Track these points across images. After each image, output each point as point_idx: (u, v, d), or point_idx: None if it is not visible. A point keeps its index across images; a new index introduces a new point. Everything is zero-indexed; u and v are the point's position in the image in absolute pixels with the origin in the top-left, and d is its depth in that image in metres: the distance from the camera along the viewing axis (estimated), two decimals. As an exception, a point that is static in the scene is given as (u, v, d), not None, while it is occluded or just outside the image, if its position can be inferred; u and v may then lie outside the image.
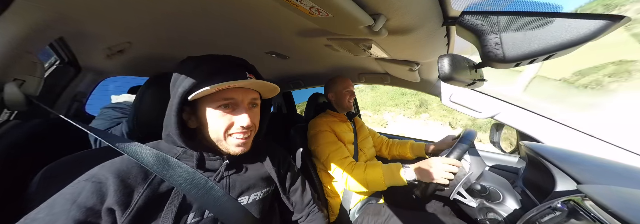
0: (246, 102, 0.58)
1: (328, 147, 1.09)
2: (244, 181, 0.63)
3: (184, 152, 0.58)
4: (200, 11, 0.64)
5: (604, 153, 0.86)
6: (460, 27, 0.51)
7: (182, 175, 0.52)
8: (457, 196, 0.90)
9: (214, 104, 0.54)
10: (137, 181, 0.49)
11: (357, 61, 1.22)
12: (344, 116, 1.30)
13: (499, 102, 1.08)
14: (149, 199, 0.49)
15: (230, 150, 0.58)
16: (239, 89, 0.56)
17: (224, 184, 0.59)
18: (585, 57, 8.50)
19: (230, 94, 0.55)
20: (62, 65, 1.17)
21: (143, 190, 0.49)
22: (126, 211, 0.46)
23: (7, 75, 0.55)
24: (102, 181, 0.46)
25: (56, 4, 0.58)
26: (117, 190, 0.46)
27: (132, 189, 0.48)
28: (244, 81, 0.53)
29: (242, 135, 0.57)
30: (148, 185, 0.50)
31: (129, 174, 0.49)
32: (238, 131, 0.56)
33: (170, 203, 0.51)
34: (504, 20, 0.45)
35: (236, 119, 0.56)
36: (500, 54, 0.46)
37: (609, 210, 0.42)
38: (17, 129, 0.83)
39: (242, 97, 0.57)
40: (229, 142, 0.57)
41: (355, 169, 1.00)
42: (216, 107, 0.54)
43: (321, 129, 1.16)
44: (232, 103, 0.56)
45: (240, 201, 0.60)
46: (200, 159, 0.57)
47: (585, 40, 0.39)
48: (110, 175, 0.47)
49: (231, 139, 0.57)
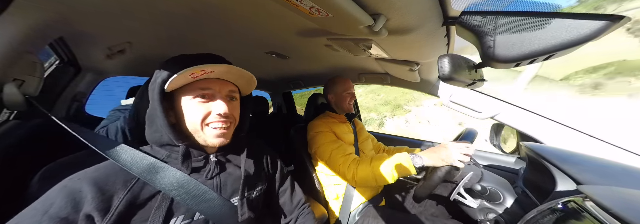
0: (223, 93, 0.58)
1: (329, 146, 1.08)
2: (235, 180, 0.62)
3: (168, 156, 0.57)
4: (200, 11, 0.64)
5: (604, 153, 0.86)
6: (460, 27, 0.51)
7: (169, 178, 0.52)
8: (458, 197, 0.90)
9: (190, 94, 0.55)
10: (117, 187, 0.48)
11: (357, 61, 1.22)
12: (344, 117, 1.27)
13: (499, 102, 1.08)
14: (130, 203, 0.48)
15: (208, 141, 0.57)
16: (216, 80, 0.57)
17: (214, 183, 0.58)
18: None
19: (207, 84, 0.56)
20: (61, 65, 1.17)
21: (123, 195, 0.48)
22: (106, 217, 0.45)
23: (6, 75, 0.55)
24: (76, 190, 0.45)
25: (56, 4, 0.58)
26: (95, 196, 0.45)
27: (111, 194, 0.47)
28: (218, 65, 0.53)
29: (220, 124, 0.56)
30: (129, 190, 0.49)
31: (107, 180, 0.48)
32: (215, 120, 0.56)
33: (158, 207, 0.50)
34: (504, 20, 0.45)
35: (213, 107, 0.56)
36: (500, 54, 0.46)
37: (609, 211, 0.42)
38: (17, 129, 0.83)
39: (219, 87, 0.57)
40: (207, 133, 0.56)
41: (361, 164, 0.97)
42: (193, 97, 0.55)
43: (320, 130, 1.15)
44: (208, 94, 0.56)
45: (232, 201, 0.59)
46: (186, 154, 0.56)
47: (586, 40, 0.39)
48: (85, 183, 0.46)
49: (209, 129, 0.56)
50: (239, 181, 0.61)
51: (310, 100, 1.55)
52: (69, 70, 1.26)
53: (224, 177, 0.60)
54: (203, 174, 0.58)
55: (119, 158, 0.51)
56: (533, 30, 0.42)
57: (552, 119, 0.99)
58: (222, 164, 0.62)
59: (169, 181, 0.51)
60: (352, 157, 1.03)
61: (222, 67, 0.54)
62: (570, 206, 0.51)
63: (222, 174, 0.60)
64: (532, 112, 1.02)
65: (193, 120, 0.55)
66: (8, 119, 0.86)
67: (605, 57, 9.03)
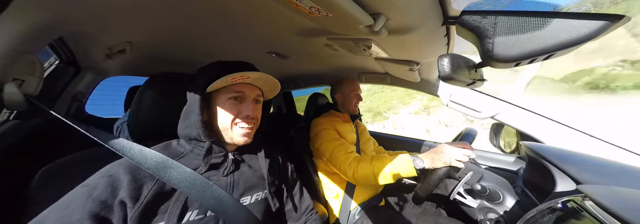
0: (252, 97, 0.65)
1: (332, 143, 1.09)
2: (247, 180, 0.65)
3: (191, 151, 0.61)
4: (200, 11, 0.64)
5: (604, 153, 0.86)
6: (460, 27, 0.51)
7: (180, 176, 0.54)
8: (457, 197, 0.90)
9: (226, 96, 0.62)
10: (147, 177, 0.53)
11: (357, 61, 1.22)
12: (347, 117, 1.30)
13: (499, 102, 1.08)
14: (157, 194, 0.52)
15: (235, 139, 0.63)
16: (247, 85, 0.65)
17: (229, 181, 0.62)
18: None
19: (240, 88, 0.63)
20: (61, 65, 1.17)
21: (152, 185, 0.52)
22: (136, 204, 0.49)
23: (6, 75, 0.55)
24: (115, 176, 0.50)
25: (56, 4, 0.58)
26: (129, 184, 0.49)
27: (142, 183, 0.51)
28: (254, 73, 0.61)
29: (247, 124, 0.63)
30: (156, 181, 0.53)
31: (139, 170, 0.53)
32: (244, 120, 0.63)
33: (176, 200, 0.54)
34: (504, 20, 0.45)
35: (243, 109, 0.63)
36: (500, 53, 0.46)
37: (609, 210, 0.42)
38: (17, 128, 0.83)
39: (249, 92, 0.65)
40: (235, 132, 0.63)
41: (362, 163, 0.97)
42: (228, 99, 0.62)
43: (324, 127, 1.16)
44: (240, 96, 0.63)
45: (242, 201, 0.62)
46: (209, 150, 0.60)
47: (585, 40, 0.39)
48: (122, 170, 0.51)
49: (237, 128, 0.63)
50: (252, 181, 0.66)
51: (310, 100, 1.55)
52: (69, 70, 1.26)
53: (237, 175, 0.64)
54: (220, 170, 0.62)
55: (134, 157, 0.54)
56: (533, 30, 0.42)
57: (552, 119, 0.99)
58: (238, 163, 0.66)
59: (179, 178, 0.54)
60: (353, 155, 1.03)
61: (256, 75, 0.62)
62: (570, 205, 0.52)
63: (237, 173, 0.64)
64: (532, 112, 1.02)
65: (225, 119, 0.62)
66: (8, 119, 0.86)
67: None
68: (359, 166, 0.97)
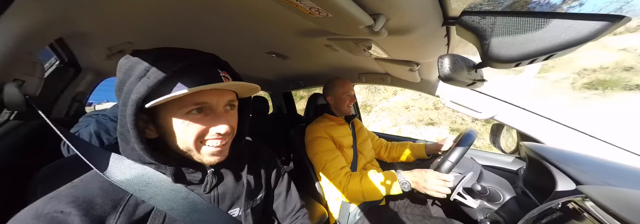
0: (222, 106, 0.48)
1: (324, 156, 1.08)
2: (234, 191, 0.57)
3: (157, 167, 0.49)
4: (200, 11, 0.64)
5: (604, 153, 0.86)
6: (460, 27, 0.51)
7: (162, 193, 0.46)
8: (458, 197, 0.90)
9: (181, 111, 0.43)
10: (106, 211, 0.41)
11: (357, 61, 1.22)
12: (342, 119, 1.26)
13: (499, 102, 1.08)
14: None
15: (204, 160, 0.48)
16: (212, 90, 0.46)
17: (212, 196, 0.54)
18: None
19: (202, 98, 0.44)
20: (62, 65, 1.17)
21: (117, 217, 0.42)
22: None
23: (7, 75, 0.55)
24: (62, 218, 0.37)
25: (56, 5, 0.58)
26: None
27: (103, 218, 0.40)
28: (219, 84, 0.43)
29: (219, 142, 0.48)
30: (120, 213, 0.42)
31: (93, 204, 0.40)
32: (213, 138, 0.47)
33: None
34: (503, 20, 0.45)
35: (211, 124, 0.46)
36: (500, 54, 0.46)
37: (609, 211, 0.42)
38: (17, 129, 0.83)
39: (217, 100, 0.47)
40: (203, 152, 0.47)
41: (351, 180, 0.99)
42: (185, 114, 0.44)
43: (317, 135, 1.13)
44: (204, 107, 0.46)
45: (231, 213, 0.56)
46: (177, 174, 0.49)
47: (586, 40, 0.39)
48: (73, 209, 0.38)
49: (205, 147, 0.47)
50: (238, 192, 0.58)
51: (310, 100, 1.55)
52: (69, 70, 1.26)
53: (221, 189, 0.55)
54: (201, 187, 0.52)
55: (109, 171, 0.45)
56: (533, 31, 0.42)
57: (552, 119, 0.99)
58: (220, 175, 0.56)
59: (162, 196, 0.46)
60: (344, 172, 1.04)
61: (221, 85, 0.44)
62: (570, 206, 0.52)
63: (220, 186, 0.55)
64: (532, 112, 1.02)
65: (185, 139, 0.45)
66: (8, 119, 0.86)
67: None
68: (348, 184, 0.99)
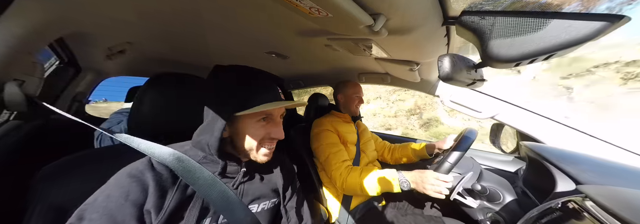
0: (279, 116, 0.63)
1: (328, 148, 1.09)
2: (255, 189, 0.65)
3: (204, 157, 0.60)
4: (200, 11, 0.64)
5: (604, 153, 0.86)
6: (460, 27, 0.51)
7: (204, 180, 0.54)
8: (458, 197, 0.90)
9: (254, 118, 0.59)
10: (169, 184, 0.51)
11: (357, 61, 1.22)
12: (348, 117, 1.30)
13: (499, 102, 1.08)
14: (178, 202, 0.50)
15: (259, 159, 0.61)
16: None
17: (239, 191, 0.62)
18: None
19: (269, 110, 0.60)
20: (62, 65, 1.17)
21: (173, 193, 0.50)
22: (159, 214, 0.47)
23: (7, 75, 0.55)
24: (145, 181, 0.48)
25: (56, 5, 0.58)
26: (154, 192, 0.48)
27: (165, 191, 0.50)
28: (284, 103, 0.59)
29: (272, 145, 0.62)
30: (177, 188, 0.51)
31: (162, 176, 0.51)
32: (269, 142, 0.61)
33: (193, 206, 0.53)
34: (504, 20, 0.45)
35: (271, 131, 0.61)
36: (500, 54, 0.46)
37: (609, 211, 0.42)
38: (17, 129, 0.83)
39: (278, 112, 0.63)
40: (260, 152, 0.61)
41: (352, 173, 1.00)
42: (256, 121, 0.59)
43: (325, 128, 1.17)
44: (268, 117, 0.61)
45: (250, 208, 0.62)
46: (224, 167, 0.59)
47: (585, 40, 0.39)
48: (150, 176, 0.49)
49: (262, 149, 0.61)
50: (260, 190, 0.65)
51: (310, 100, 1.55)
52: (69, 70, 1.26)
53: (247, 186, 0.63)
54: (231, 180, 0.61)
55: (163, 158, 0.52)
56: (533, 31, 0.42)
57: (552, 119, 0.99)
58: (248, 173, 0.65)
59: (203, 181, 0.53)
60: (346, 165, 1.05)
61: (288, 104, 0.61)
62: (570, 205, 0.52)
63: (246, 183, 0.64)
64: (532, 112, 1.02)
65: (252, 140, 0.59)
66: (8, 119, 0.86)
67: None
68: (348, 177, 0.99)
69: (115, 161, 0.53)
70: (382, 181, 0.93)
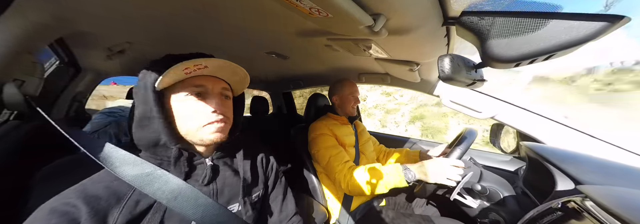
0: (216, 91, 0.56)
1: (328, 152, 1.07)
2: (232, 186, 0.59)
3: (160, 164, 0.53)
4: (200, 11, 0.64)
5: (604, 153, 0.86)
6: (460, 27, 0.51)
7: (166, 186, 0.49)
8: (458, 197, 0.90)
9: (183, 92, 0.53)
10: (110, 205, 0.45)
11: (357, 61, 1.22)
12: (345, 119, 1.27)
13: (499, 102, 1.08)
14: (127, 221, 0.45)
15: (205, 138, 0.54)
16: (209, 77, 0.56)
17: (211, 190, 0.56)
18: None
19: (200, 81, 0.54)
20: (62, 65, 1.17)
21: (118, 213, 0.45)
22: None
23: (7, 75, 0.55)
24: (72, 211, 0.41)
25: (56, 5, 0.58)
26: (89, 218, 0.41)
27: (105, 214, 0.44)
28: (211, 59, 0.51)
29: (216, 123, 0.54)
30: (123, 207, 0.46)
31: (99, 198, 0.44)
32: (212, 120, 0.53)
33: (151, 219, 0.48)
34: (504, 20, 0.45)
35: (208, 105, 0.53)
36: (500, 54, 0.46)
37: (609, 210, 0.42)
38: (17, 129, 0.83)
39: (212, 85, 0.56)
40: (204, 131, 0.53)
41: (356, 173, 0.98)
42: (186, 96, 0.53)
43: (321, 132, 1.14)
44: (202, 91, 0.54)
45: (231, 208, 0.57)
46: (178, 157, 0.53)
47: (585, 41, 0.39)
48: (80, 202, 0.42)
49: (204, 127, 0.53)
50: (236, 188, 0.59)
51: (310, 100, 1.55)
52: (69, 70, 1.26)
53: (220, 183, 0.58)
54: (198, 180, 0.55)
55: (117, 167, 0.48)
56: (533, 31, 0.42)
57: (552, 119, 0.99)
58: (217, 169, 0.59)
59: (166, 190, 0.48)
60: (348, 166, 1.03)
61: (216, 62, 0.52)
62: (570, 205, 0.52)
63: (219, 180, 0.58)
64: (532, 112, 1.02)
65: (187, 119, 0.53)
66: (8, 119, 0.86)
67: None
68: (351, 177, 0.98)
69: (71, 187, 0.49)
70: (387, 177, 0.91)
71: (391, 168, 0.93)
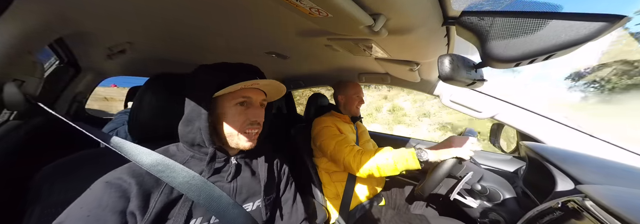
0: (258, 102, 0.64)
1: (334, 139, 1.09)
2: (250, 186, 0.64)
3: (192, 157, 0.60)
4: (200, 11, 0.64)
5: (604, 153, 0.86)
6: (460, 27, 0.51)
7: (188, 181, 0.53)
8: (458, 197, 0.90)
9: (232, 101, 0.60)
10: (152, 186, 0.50)
11: (357, 61, 1.22)
12: (348, 118, 1.30)
13: (499, 102, 1.08)
14: (164, 203, 0.50)
15: (241, 144, 0.61)
16: (253, 89, 0.63)
17: (232, 187, 0.61)
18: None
19: (247, 93, 0.61)
20: (62, 65, 1.17)
21: (158, 195, 0.50)
22: (145, 216, 0.47)
23: (7, 75, 0.55)
24: (125, 185, 0.47)
25: (56, 5, 0.58)
26: (138, 194, 0.47)
27: (149, 193, 0.49)
28: (264, 80, 0.59)
29: (253, 131, 0.62)
30: (162, 190, 0.51)
31: (144, 178, 0.50)
32: (250, 127, 0.61)
33: (181, 206, 0.52)
34: (503, 20, 0.45)
35: (250, 115, 0.61)
36: (500, 54, 0.46)
37: (609, 210, 0.42)
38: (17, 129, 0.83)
39: (256, 96, 0.63)
40: (241, 138, 0.61)
41: (365, 155, 0.97)
42: (234, 105, 0.60)
43: (326, 125, 1.17)
44: (247, 101, 0.62)
45: (245, 207, 0.61)
46: (213, 157, 0.59)
47: (585, 41, 0.39)
48: (130, 179, 0.48)
49: (243, 134, 0.61)
50: (254, 187, 0.64)
51: (310, 100, 1.55)
52: (69, 70, 1.26)
53: (240, 181, 0.63)
54: (224, 176, 0.60)
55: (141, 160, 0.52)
56: (533, 31, 0.42)
57: (552, 119, 0.99)
58: (240, 168, 0.64)
59: (187, 183, 0.53)
60: (357, 148, 1.03)
61: (266, 82, 0.60)
62: (570, 205, 0.52)
63: (239, 178, 0.63)
64: (532, 112, 1.02)
65: (232, 125, 0.60)
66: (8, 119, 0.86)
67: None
68: (362, 157, 0.96)
69: (116, 161, 0.53)
70: (399, 157, 0.90)
71: (402, 149, 0.92)
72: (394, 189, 1.40)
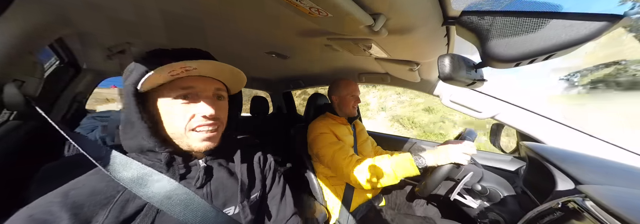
0: (209, 92, 0.51)
1: (331, 148, 1.06)
2: (227, 189, 0.56)
3: (152, 165, 0.50)
4: (200, 11, 0.64)
5: (604, 153, 0.86)
6: (460, 27, 0.51)
7: (159, 188, 0.46)
8: (458, 197, 0.90)
9: (170, 95, 0.48)
10: (94, 211, 0.42)
11: (357, 61, 1.22)
12: (344, 119, 1.25)
13: (499, 102, 1.08)
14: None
15: (194, 146, 0.50)
16: (200, 78, 0.50)
17: (205, 192, 0.53)
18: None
19: (189, 83, 0.49)
20: (62, 65, 1.17)
21: (104, 218, 0.42)
22: None
23: (7, 75, 0.55)
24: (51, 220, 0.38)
25: (56, 5, 0.58)
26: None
27: (88, 221, 0.41)
28: (200, 62, 0.45)
29: (206, 127, 0.50)
30: (110, 211, 0.43)
31: (82, 205, 0.41)
32: (201, 124, 0.49)
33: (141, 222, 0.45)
34: (503, 19, 0.45)
35: (198, 109, 0.49)
36: (500, 53, 0.46)
37: (609, 210, 0.42)
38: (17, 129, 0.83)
39: (203, 86, 0.50)
40: (192, 138, 0.50)
41: (363, 165, 0.96)
42: (173, 98, 0.48)
43: (321, 131, 1.13)
44: (191, 93, 0.49)
45: (227, 211, 0.54)
46: (169, 162, 0.50)
47: (585, 40, 0.39)
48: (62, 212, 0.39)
49: (193, 133, 0.50)
50: (232, 190, 0.56)
51: (310, 100, 1.55)
52: (69, 70, 1.26)
53: (214, 185, 0.55)
54: (191, 182, 0.52)
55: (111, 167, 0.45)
56: (533, 30, 0.42)
57: (552, 119, 0.99)
58: (211, 170, 0.56)
59: (159, 192, 0.45)
60: (355, 159, 1.01)
61: (206, 64, 0.47)
62: (570, 205, 0.52)
63: (213, 182, 0.55)
64: (532, 112, 1.02)
65: (175, 124, 0.49)
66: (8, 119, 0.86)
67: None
68: (362, 170, 0.95)
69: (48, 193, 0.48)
70: (397, 165, 0.89)
71: (400, 156, 0.91)
72: (395, 190, 1.40)
